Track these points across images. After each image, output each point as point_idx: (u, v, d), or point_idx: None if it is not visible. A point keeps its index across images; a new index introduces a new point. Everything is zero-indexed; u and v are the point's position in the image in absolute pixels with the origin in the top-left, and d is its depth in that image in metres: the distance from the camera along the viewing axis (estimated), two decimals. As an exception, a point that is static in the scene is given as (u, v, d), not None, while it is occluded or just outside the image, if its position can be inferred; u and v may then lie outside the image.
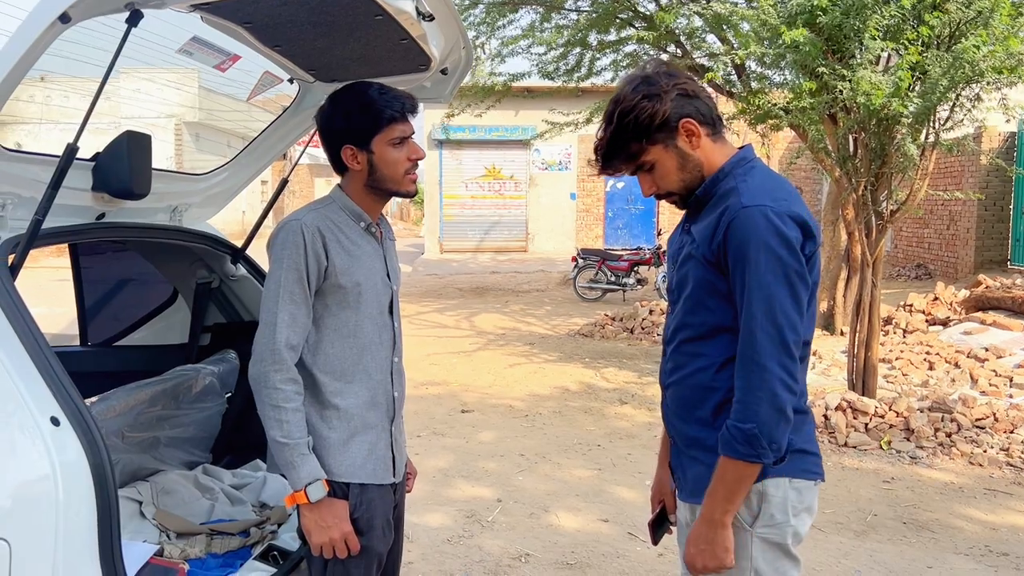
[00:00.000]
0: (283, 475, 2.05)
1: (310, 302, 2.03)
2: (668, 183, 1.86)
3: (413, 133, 2.10)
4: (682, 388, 1.87)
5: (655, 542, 2.14)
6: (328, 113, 2.07)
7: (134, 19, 1.76)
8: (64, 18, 1.61)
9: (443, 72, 2.53)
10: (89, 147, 2.12)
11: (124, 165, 2.19)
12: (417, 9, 2.08)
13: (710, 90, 7.83)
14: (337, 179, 2.17)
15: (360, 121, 2.03)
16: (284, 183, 2.92)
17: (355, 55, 2.38)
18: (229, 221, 23.38)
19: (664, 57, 9.59)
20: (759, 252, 1.68)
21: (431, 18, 2.15)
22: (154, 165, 2.35)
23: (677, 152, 1.82)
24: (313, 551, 2.02)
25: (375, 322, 2.12)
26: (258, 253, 3.04)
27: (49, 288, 9.00)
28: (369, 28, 2.14)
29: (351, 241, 2.08)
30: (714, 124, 1.84)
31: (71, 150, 1.84)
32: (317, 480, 1.97)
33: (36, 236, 1.85)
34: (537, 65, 10.21)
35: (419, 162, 2.12)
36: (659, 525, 2.12)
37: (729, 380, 1.74)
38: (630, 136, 1.81)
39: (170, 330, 3.25)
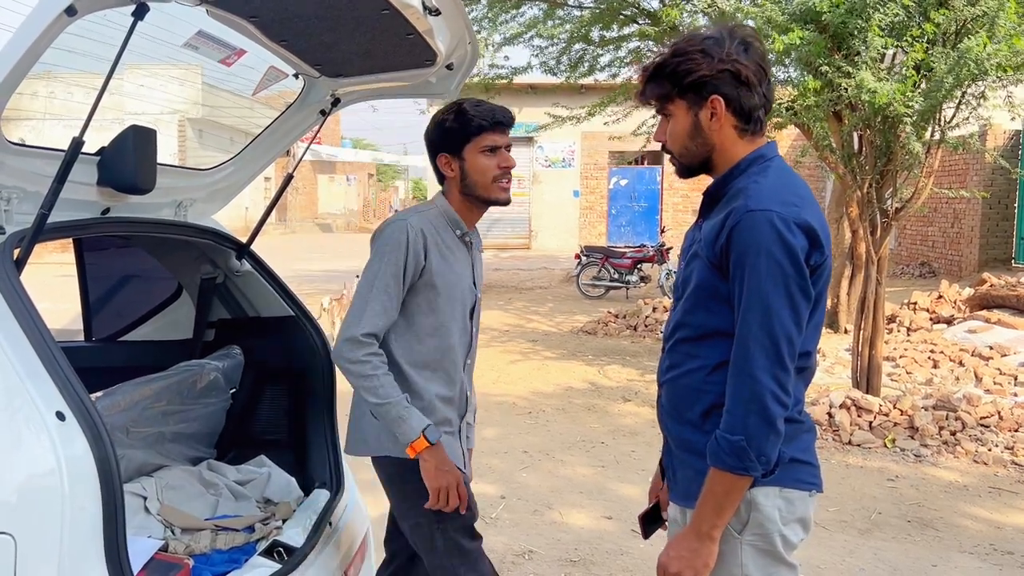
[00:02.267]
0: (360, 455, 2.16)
1: (401, 297, 2.20)
2: (673, 143, 1.83)
3: (508, 145, 2.31)
4: (675, 388, 1.84)
5: (645, 536, 2.11)
6: (429, 126, 2.32)
7: (140, 12, 1.75)
8: (71, 11, 1.60)
9: (448, 68, 2.52)
10: (94, 142, 2.12)
11: (129, 159, 2.19)
12: (423, 4, 2.07)
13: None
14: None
15: (453, 130, 2.26)
16: (289, 179, 2.91)
17: (361, 50, 2.37)
18: (233, 217, 23.38)
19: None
20: (759, 260, 1.63)
21: (437, 13, 2.15)
22: (159, 160, 2.35)
23: (695, 120, 1.77)
24: (431, 499, 2.13)
25: (458, 324, 2.30)
26: (262, 249, 3.04)
27: (54, 284, 9.01)
28: (375, 23, 2.13)
29: (447, 246, 2.28)
30: (750, 121, 1.76)
31: (76, 144, 1.84)
32: (429, 424, 2.12)
33: (41, 230, 1.84)
34: (538, 57, 10.21)
35: (510, 171, 2.31)
36: (652, 520, 2.09)
37: (721, 384, 1.70)
38: (667, 76, 1.77)
39: (174, 326, 3.24)
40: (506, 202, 2.32)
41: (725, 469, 1.66)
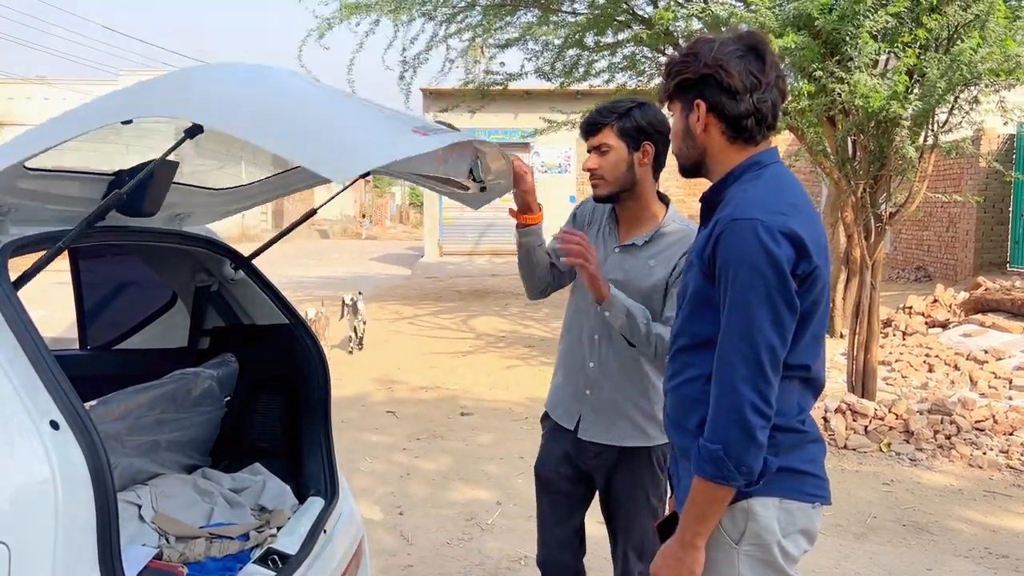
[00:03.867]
0: None
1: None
2: (672, 141, 1.89)
3: (597, 146, 2.47)
4: (676, 396, 1.84)
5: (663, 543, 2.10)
6: None
7: (192, 133, 1.75)
8: (126, 121, 1.67)
9: (482, 189, 2.58)
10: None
11: (144, 191, 2.17)
12: (473, 176, 2.26)
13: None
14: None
15: None
16: (312, 212, 2.97)
17: None
18: (229, 224, 23.40)
19: (662, 59, 9.62)
20: (741, 269, 1.62)
21: (483, 187, 2.32)
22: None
23: (685, 121, 1.81)
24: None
25: (586, 301, 2.49)
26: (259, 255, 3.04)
27: (49, 291, 8.99)
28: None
29: (600, 229, 2.58)
30: (736, 129, 1.76)
31: (118, 197, 1.86)
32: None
33: (51, 260, 1.85)
34: (532, 62, 10.22)
35: (591, 171, 2.50)
36: (669, 530, 2.08)
37: None
38: (668, 74, 1.82)
39: (169, 334, 3.24)
40: (595, 199, 2.54)
41: (706, 478, 1.66)
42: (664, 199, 2.55)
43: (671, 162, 2.14)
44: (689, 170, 1.88)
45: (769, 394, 1.63)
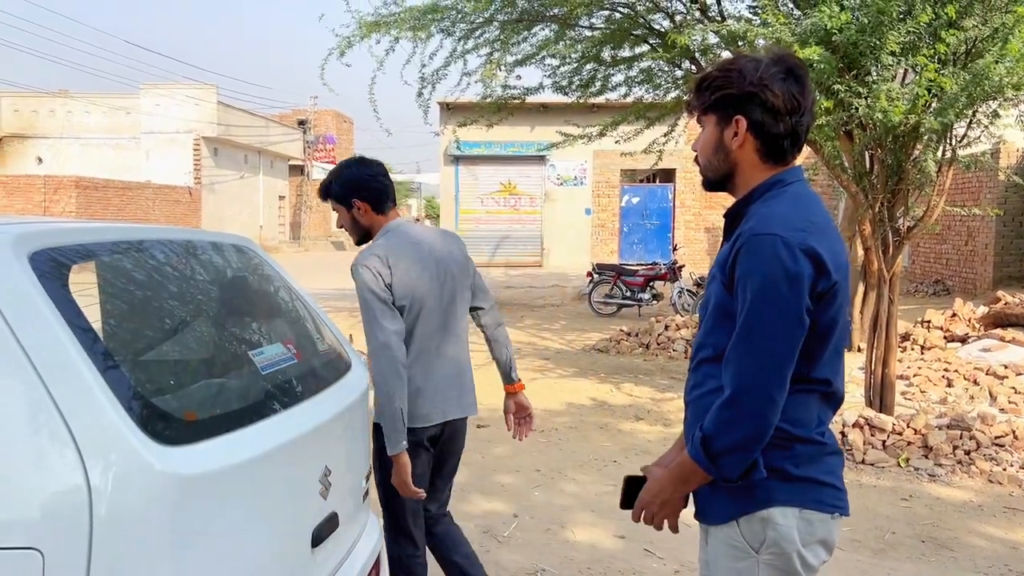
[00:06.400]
0: None
1: None
2: (701, 154, 1.90)
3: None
4: (697, 407, 1.86)
5: (622, 505, 1.97)
6: None
7: None
8: None
9: None
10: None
11: None
12: None
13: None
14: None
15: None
16: None
17: None
18: (245, 234, 23.51)
19: (679, 73, 9.64)
20: (758, 283, 1.66)
21: None
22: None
23: (719, 136, 1.83)
24: None
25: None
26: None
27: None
28: None
29: None
30: (771, 148, 1.81)
31: None
32: None
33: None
34: (550, 77, 10.27)
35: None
36: (635, 486, 1.95)
37: None
38: (705, 89, 1.84)
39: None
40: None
41: (692, 457, 1.74)
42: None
43: (692, 174, 2.15)
44: (714, 183, 1.91)
45: (769, 411, 1.67)
